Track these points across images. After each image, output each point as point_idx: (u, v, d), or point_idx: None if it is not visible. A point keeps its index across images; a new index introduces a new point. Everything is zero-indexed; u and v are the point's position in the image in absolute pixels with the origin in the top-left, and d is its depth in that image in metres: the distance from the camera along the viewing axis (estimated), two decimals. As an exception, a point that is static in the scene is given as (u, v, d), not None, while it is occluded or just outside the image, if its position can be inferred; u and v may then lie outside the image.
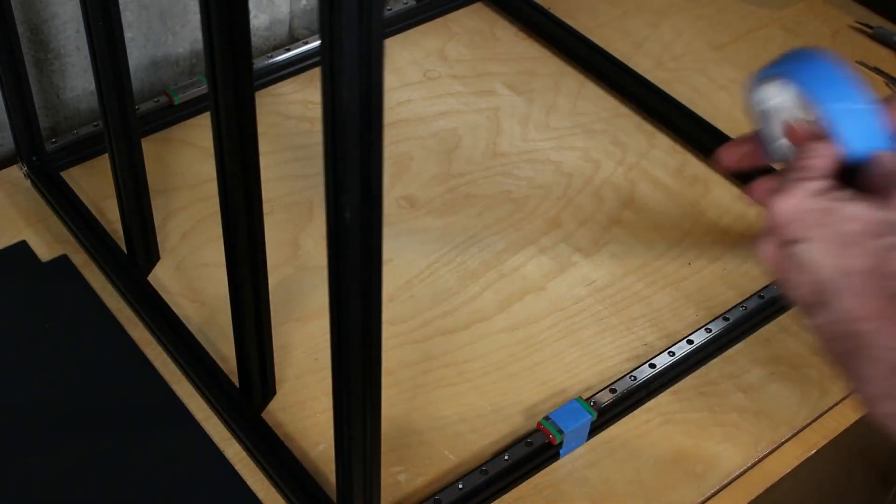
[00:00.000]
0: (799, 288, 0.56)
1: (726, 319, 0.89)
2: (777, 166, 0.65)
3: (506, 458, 0.79)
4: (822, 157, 0.58)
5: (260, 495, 0.78)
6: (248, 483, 0.78)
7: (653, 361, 0.85)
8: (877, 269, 0.53)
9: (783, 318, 0.91)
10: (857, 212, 0.55)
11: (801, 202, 0.56)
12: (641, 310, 0.91)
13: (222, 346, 0.86)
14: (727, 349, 0.89)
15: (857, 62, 1.16)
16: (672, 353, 0.86)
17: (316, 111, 1.07)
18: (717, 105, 1.10)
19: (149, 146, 0.92)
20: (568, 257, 0.95)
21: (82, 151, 1.01)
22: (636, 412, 0.84)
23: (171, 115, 1.05)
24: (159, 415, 0.82)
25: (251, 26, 0.94)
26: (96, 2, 0.76)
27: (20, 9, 0.96)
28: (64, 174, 0.99)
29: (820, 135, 0.59)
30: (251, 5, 1.11)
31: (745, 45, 1.18)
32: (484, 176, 1.02)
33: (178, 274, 0.92)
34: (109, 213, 0.96)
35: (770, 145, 0.66)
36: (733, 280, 0.94)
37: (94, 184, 0.99)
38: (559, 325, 0.90)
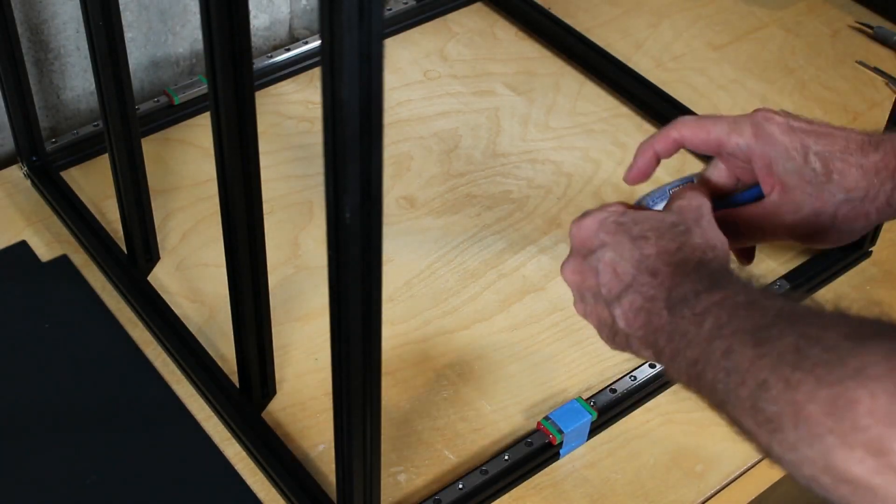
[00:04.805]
0: (600, 287, 0.63)
1: (726, 319, 0.88)
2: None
3: (506, 458, 0.79)
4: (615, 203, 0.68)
5: (260, 495, 0.78)
6: (248, 483, 0.78)
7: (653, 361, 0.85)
8: (671, 248, 0.61)
9: (783, 318, 0.91)
10: (643, 216, 0.64)
11: (596, 221, 0.64)
12: (641, 310, 0.91)
13: (222, 346, 0.86)
14: (727, 349, 0.88)
15: (857, 62, 1.16)
16: (672, 353, 0.85)
17: (316, 111, 1.07)
18: (717, 105, 1.10)
19: (149, 146, 0.92)
20: (568, 257, 0.95)
21: (82, 151, 1.01)
22: (636, 412, 0.84)
23: (171, 115, 1.05)
24: (159, 415, 0.82)
25: (251, 26, 0.94)
26: (96, 2, 0.76)
27: (20, 9, 0.96)
28: (64, 174, 0.99)
29: None
30: (251, 5, 1.11)
31: (745, 45, 1.18)
32: (484, 176, 1.02)
33: (178, 274, 0.92)
34: (109, 213, 0.96)
35: None
36: (733, 280, 0.94)
37: (94, 184, 0.99)
38: (559, 325, 0.90)
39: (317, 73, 1.07)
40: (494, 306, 0.91)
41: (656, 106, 1.08)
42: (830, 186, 0.66)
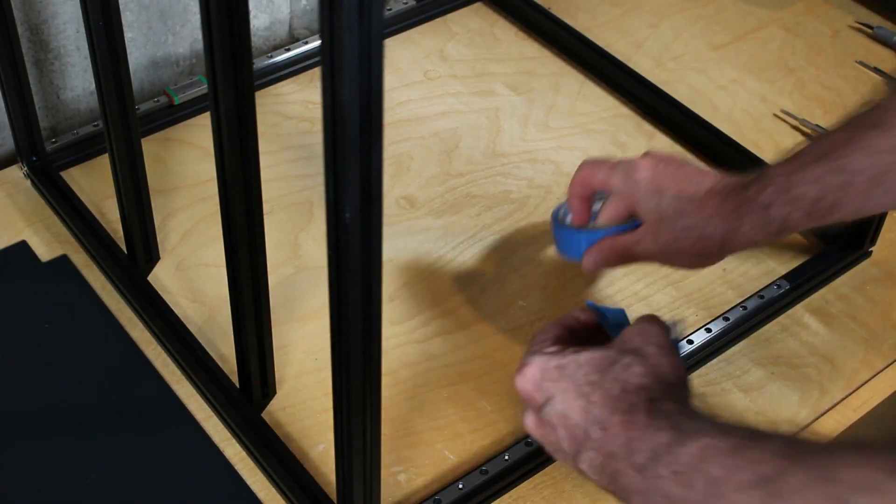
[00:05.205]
0: (560, 443, 0.62)
1: (726, 319, 0.89)
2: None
3: (506, 458, 0.79)
4: (549, 330, 0.69)
5: (260, 495, 0.78)
6: (248, 483, 0.78)
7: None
8: (614, 393, 0.60)
9: (783, 318, 0.91)
10: (584, 358, 0.64)
11: (536, 370, 0.64)
12: (641, 310, 0.91)
13: (222, 346, 0.86)
14: (727, 349, 0.89)
15: (857, 62, 1.16)
16: (672, 353, 0.85)
17: (316, 111, 1.07)
18: (717, 105, 1.10)
19: (149, 146, 0.92)
20: (568, 257, 0.95)
21: (82, 151, 1.01)
22: (636, 412, 0.84)
23: (171, 115, 1.05)
24: (159, 415, 0.82)
25: (251, 26, 0.94)
26: (96, 2, 0.76)
27: (20, 9, 0.96)
28: (64, 174, 0.99)
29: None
30: (251, 5, 1.11)
31: (745, 45, 1.18)
32: (484, 176, 1.02)
33: (178, 274, 0.92)
34: (109, 213, 0.96)
35: None
36: (733, 280, 0.94)
37: (94, 184, 0.99)
38: (559, 325, 0.90)
39: (317, 73, 1.07)
40: (494, 306, 0.91)
41: (656, 106, 1.08)
42: (681, 222, 0.75)
